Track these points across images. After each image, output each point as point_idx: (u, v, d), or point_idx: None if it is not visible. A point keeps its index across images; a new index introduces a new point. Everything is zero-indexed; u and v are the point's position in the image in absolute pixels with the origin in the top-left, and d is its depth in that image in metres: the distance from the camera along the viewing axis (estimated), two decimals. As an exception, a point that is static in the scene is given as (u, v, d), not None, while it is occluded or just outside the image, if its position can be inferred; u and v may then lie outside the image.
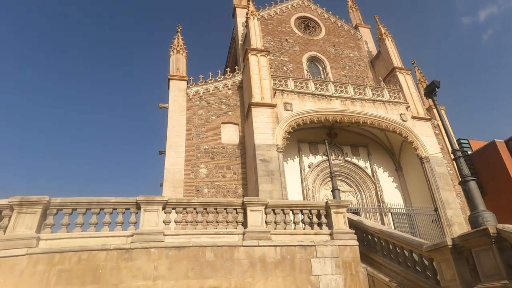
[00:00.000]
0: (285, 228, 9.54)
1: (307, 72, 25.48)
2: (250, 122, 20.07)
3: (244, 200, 9.26)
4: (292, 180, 20.41)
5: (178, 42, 24.34)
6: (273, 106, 20.21)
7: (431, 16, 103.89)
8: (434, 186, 20.74)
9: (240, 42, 26.13)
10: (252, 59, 21.93)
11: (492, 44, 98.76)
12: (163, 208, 8.67)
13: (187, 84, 22.56)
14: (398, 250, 8.96)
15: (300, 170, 21.61)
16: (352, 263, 9.35)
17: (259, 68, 21.61)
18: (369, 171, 23.00)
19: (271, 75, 21.70)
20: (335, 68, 26.91)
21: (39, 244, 7.49)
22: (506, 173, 30.83)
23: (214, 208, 9.15)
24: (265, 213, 9.41)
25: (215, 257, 8.31)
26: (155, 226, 8.34)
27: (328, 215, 10.04)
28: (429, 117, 23.58)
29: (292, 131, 19.97)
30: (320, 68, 27.00)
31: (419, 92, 25.75)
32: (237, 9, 27.62)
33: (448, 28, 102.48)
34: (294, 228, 9.65)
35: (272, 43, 26.45)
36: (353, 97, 22.27)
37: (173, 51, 23.94)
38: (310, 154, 22.52)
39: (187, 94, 22.22)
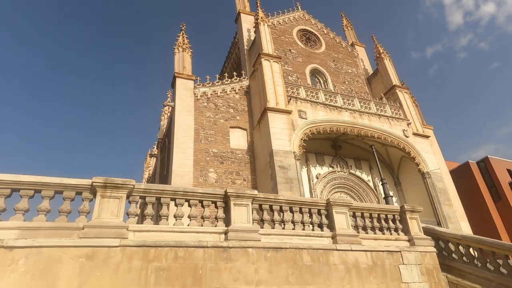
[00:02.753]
0: (367, 233, 8.87)
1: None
2: (265, 127, 19.32)
3: (330, 200, 8.48)
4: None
5: (184, 41, 23.17)
6: (288, 112, 19.69)
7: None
8: (436, 201, 21.24)
9: (245, 47, 25.54)
10: (265, 64, 21.40)
11: (436, 78, 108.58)
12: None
13: (194, 84, 21.39)
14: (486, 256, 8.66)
15: (309, 180, 21.11)
16: (434, 270, 8.88)
17: (272, 74, 21.11)
18: (371, 184, 23.11)
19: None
20: (335, 82, 27.19)
21: (129, 236, 6.11)
22: (478, 191, 33.06)
23: (299, 208, 8.27)
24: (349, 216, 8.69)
25: (312, 261, 7.40)
26: (246, 223, 7.27)
27: (402, 221, 9.57)
28: (428, 135, 24.41)
29: (307, 139, 19.52)
30: (321, 81, 27.12)
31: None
32: (241, 14, 27.11)
33: (399, 60, 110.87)
34: (375, 233, 9.00)
35: (276, 51, 26.12)
36: (360, 110, 22.48)
37: (178, 48, 22.71)
38: (317, 165, 22.16)
39: (195, 94, 21.02)
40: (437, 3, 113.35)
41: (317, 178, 21.49)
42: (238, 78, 23.29)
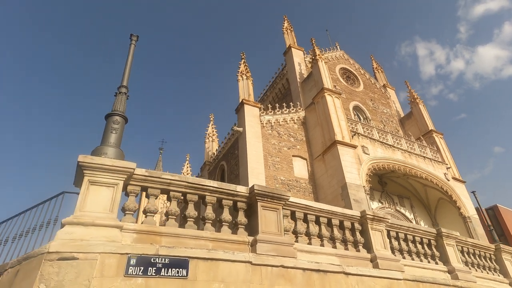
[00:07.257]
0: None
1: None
2: (333, 159, 20.02)
3: (501, 246, 9.26)
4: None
5: (246, 69, 23.99)
6: (354, 147, 20.59)
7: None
8: (477, 244, 22.40)
9: (298, 80, 26.59)
10: (329, 99, 22.42)
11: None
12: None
13: (259, 111, 22.03)
14: None
15: (364, 214, 21.80)
16: None
17: (335, 108, 22.12)
18: (414, 222, 24.11)
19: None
20: (374, 120, 28.58)
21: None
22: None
23: (473, 249, 8.93)
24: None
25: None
26: (457, 263, 7.82)
27: (498, 261, 10.37)
28: (464, 180, 25.97)
29: (371, 174, 20.39)
30: (362, 119, 28.44)
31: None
32: (292, 49, 28.38)
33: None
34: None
35: (324, 87, 27.36)
36: (409, 150, 23.76)
37: (241, 76, 23.49)
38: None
39: (261, 121, 21.60)
40: (411, 54, 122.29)
41: (370, 212, 22.22)
42: (294, 109, 24.12)
